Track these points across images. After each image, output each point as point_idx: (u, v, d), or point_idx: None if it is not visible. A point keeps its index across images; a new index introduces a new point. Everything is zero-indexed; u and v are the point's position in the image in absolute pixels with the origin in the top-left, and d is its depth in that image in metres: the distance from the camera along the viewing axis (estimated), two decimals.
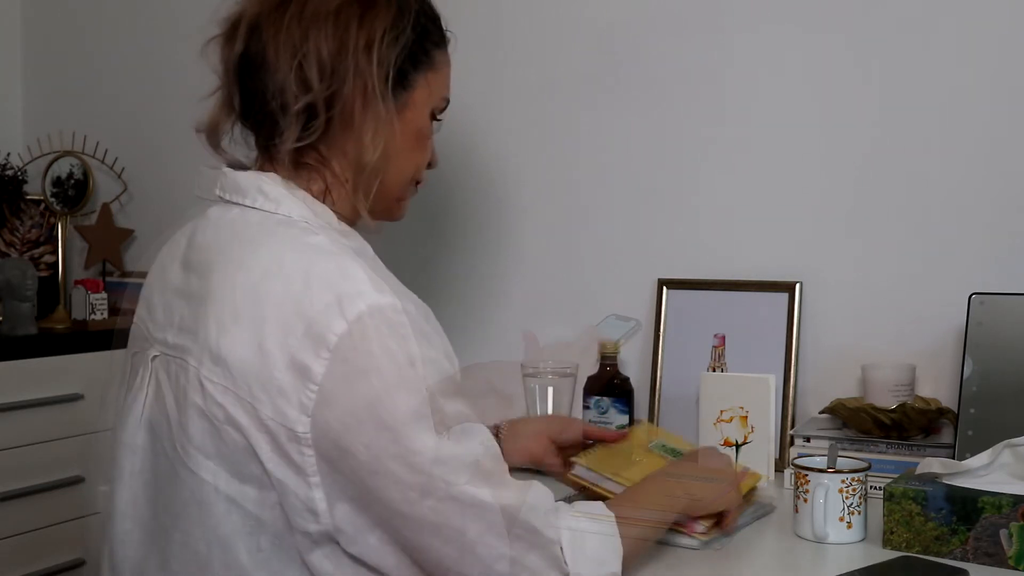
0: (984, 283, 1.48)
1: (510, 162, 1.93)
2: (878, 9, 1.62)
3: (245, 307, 0.98)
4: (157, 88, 2.39)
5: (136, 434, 1.07)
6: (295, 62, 1.05)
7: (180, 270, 1.09)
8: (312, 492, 0.96)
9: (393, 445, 0.94)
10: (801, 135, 1.68)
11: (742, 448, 1.56)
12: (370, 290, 0.96)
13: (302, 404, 0.94)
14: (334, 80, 1.05)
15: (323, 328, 0.94)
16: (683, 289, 1.76)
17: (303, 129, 1.06)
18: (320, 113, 1.06)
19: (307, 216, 1.06)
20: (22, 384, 2.02)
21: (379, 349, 0.95)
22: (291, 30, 1.06)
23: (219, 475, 0.99)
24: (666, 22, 1.79)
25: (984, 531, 1.15)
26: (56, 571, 2.07)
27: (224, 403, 0.97)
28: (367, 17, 1.07)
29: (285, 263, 0.99)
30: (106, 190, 2.45)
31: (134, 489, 1.07)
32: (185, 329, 1.03)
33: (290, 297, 0.96)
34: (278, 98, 1.06)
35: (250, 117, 1.11)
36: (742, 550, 1.25)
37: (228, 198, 1.10)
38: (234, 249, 1.04)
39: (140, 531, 1.07)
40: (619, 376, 1.68)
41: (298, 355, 0.95)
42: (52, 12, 2.59)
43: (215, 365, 0.98)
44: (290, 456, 0.95)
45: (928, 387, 1.58)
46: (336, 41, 1.05)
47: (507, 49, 1.93)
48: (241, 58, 1.09)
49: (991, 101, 1.55)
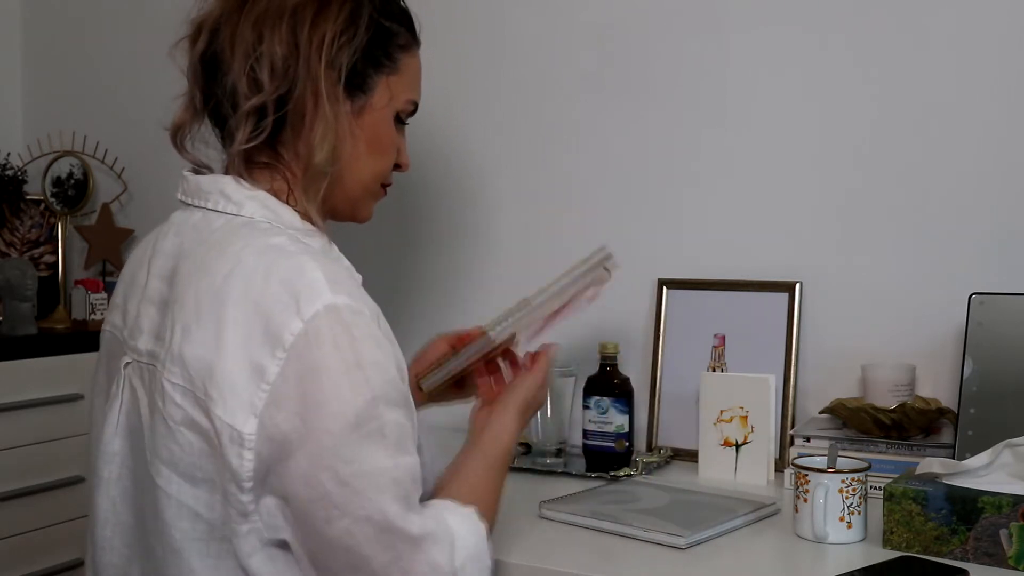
0: (984, 283, 1.48)
1: (509, 161, 1.93)
2: (878, 9, 1.62)
3: (207, 309, 0.98)
4: (157, 88, 2.37)
5: (112, 441, 1.07)
6: (248, 63, 1.05)
7: (148, 276, 1.09)
8: (243, 496, 0.96)
9: (329, 453, 0.94)
10: (801, 135, 1.68)
11: (742, 448, 1.56)
12: (326, 290, 0.96)
13: (252, 404, 0.94)
14: (285, 81, 1.05)
15: (280, 327, 0.95)
16: (683, 289, 1.76)
17: (253, 129, 1.06)
18: (269, 113, 1.06)
19: (269, 217, 1.06)
20: (22, 384, 2.02)
21: (331, 348, 0.95)
22: (245, 31, 1.06)
23: (171, 480, 0.99)
24: (665, 22, 1.79)
25: (984, 531, 1.15)
26: (56, 571, 2.07)
27: (183, 404, 0.98)
28: (319, 19, 1.07)
29: (246, 264, 0.99)
30: (106, 190, 2.45)
31: (112, 496, 1.07)
32: (156, 335, 1.04)
33: (249, 297, 0.97)
34: (231, 98, 1.07)
35: (211, 117, 1.12)
36: (742, 550, 1.26)
37: (190, 202, 1.10)
38: (199, 253, 1.04)
39: (120, 538, 1.07)
40: (619, 376, 1.68)
41: (255, 355, 0.95)
42: (52, 12, 2.59)
43: (176, 366, 0.98)
44: (228, 458, 0.95)
45: (928, 387, 1.58)
46: (288, 42, 1.05)
47: (506, 49, 1.93)
48: (201, 58, 1.10)
49: (991, 101, 1.55)
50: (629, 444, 1.66)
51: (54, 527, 2.07)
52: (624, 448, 1.65)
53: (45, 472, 2.04)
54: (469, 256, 1.97)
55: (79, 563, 2.10)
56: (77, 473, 2.09)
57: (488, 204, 1.95)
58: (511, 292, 1.97)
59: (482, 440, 1.18)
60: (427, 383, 1.31)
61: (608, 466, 1.61)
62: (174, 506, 0.99)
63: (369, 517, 0.94)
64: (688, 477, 1.58)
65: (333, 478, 0.94)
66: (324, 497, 0.94)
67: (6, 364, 2.00)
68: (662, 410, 1.75)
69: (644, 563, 1.18)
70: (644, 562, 1.19)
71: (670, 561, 1.19)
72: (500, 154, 1.94)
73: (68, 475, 2.07)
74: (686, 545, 1.22)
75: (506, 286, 1.94)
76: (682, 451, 1.69)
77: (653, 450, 1.72)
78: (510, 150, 1.93)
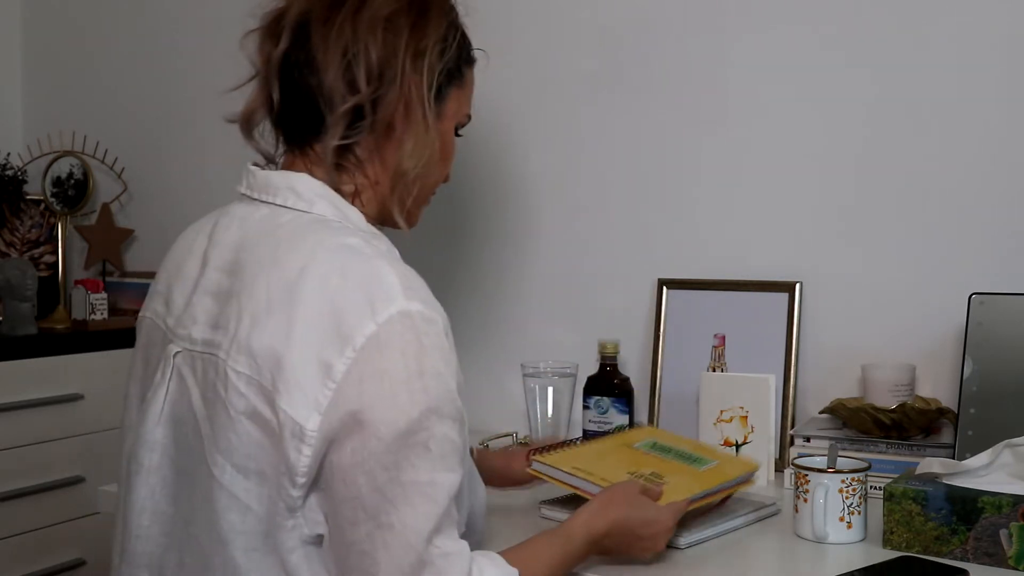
0: (984, 283, 1.48)
1: (509, 161, 1.93)
2: (878, 10, 1.62)
3: (279, 301, 0.99)
4: (157, 88, 2.39)
5: (155, 430, 1.07)
6: (344, 62, 1.06)
7: (203, 267, 1.09)
8: (294, 491, 0.97)
9: (372, 458, 0.94)
10: (801, 135, 1.68)
11: (742, 448, 1.56)
12: (401, 296, 0.97)
13: (317, 401, 0.95)
14: (381, 84, 1.07)
15: (352, 328, 0.95)
16: (683, 289, 1.76)
17: (348, 128, 1.07)
18: (367, 115, 1.07)
19: (339, 216, 1.07)
20: (22, 384, 2.02)
21: (398, 354, 0.95)
22: (343, 31, 1.07)
23: (226, 470, 0.99)
24: (667, 23, 1.79)
25: (984, 531, 1.15)
26: (56, 571, 2.07)
27: (247, 393, 0.98)
28: (419, 27, 1.09)
29: (321, 261, 0.99)
30: (106, 190, 2.45)
31: (151, 485, 1.07)
32: (216, 326, 1.04)
33: (324, 295, 0.97)
34: (325, 96, 1.07)
35: (289, 113, 1.11)
36: (742, 550, 1.26)
37: (255, 196, 1.10)
38: (268, 247, 1.04)
39: (159, 526, 1.07)
40: (619, 376, 1.68)
41: (324, 352, 0.95)
42: (52, 12, 2.59)
43: (243, 355, 0.99)
44: (287, 451, 0.96)
45: (928, 387, 1.58)
46: (387, 46, 1.07)
47: (507, 49, 1.92)
48: (285, 55, 1.09)
49: (991, 101, 1.55)
50: None
51: (54, 527, 2.07)
52: None
53: (45, 472, 2.04)
54: (458, 253, 1.97)
55: (79, 563, 2.11)
56: (77, 473, 2.09)
57: (485, 204, 1.95)
58: (511, 291, 1.97)
59: (569, 527, 1.14)
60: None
61: None
62: (225, 497, 0.99)
63: (391, 526, 0.94)
64: None
65: (369, 483, 0.94)
66: (356, 498, 0.94)
67: (6, 364, 2.00)
68: (662, 410, 1.75)
69: (644, 563, 1.18)
70: (644, 561, 1.18)
71: (670, 561, 1.19)
72: (500, 154, 1.94)
73: (68, 475, 2.07)
74: (685, 545, 1.22)
75: (506, 286, 1.95)
76: None
77: None
78: (510, 150, 1.93)
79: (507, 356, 1.89)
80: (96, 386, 2.11)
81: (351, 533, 0.95)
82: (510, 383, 1.85)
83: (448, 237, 1.99)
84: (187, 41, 2.33)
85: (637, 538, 1.15)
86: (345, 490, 0.95)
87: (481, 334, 1.95)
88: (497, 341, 1.93)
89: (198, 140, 2.30)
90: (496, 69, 1.91)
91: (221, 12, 2.29)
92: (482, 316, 1.96)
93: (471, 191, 1.96)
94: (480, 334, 1.95)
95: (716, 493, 1.29)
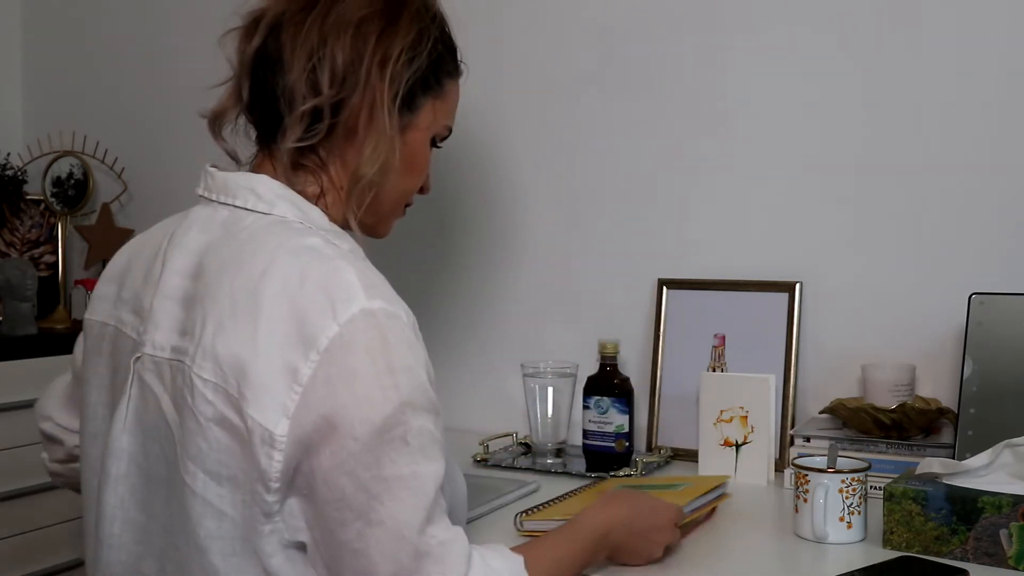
0: (984, 283, 1.48)
1: (509, 161, 1.93)
2: (878, 10, 1.62)
3: (242, 306, 0.98)
4: (157, 88, 2.39)
5: (120, 438, 1.06)
6: (309, 64, 1.07)
7: (164, 272, 1.08)
8: (268, 496, 0.96)
9: (351, 458, 0.93)
10: (801, 135, 1.68)
11: (742, 448, 1.56)
12: (362, 295, 0.97)
13: (284, 406, 0.94)
14: (344, 88, 1.07)
15: (315, 330, 0.95)
16: (683, 289, 1.76)
17: (305, 131, 1.07)
18: (324, 118, 1.07)
19: (300, 217, 1.07)
20: (22, 384, 2.02)
21: (363, 353, 0.95)
22: (311, 33, 1.07)
23: (198, 477, 0.98)
24: (666, 22, 1.79)
25: (984, 531, 1.15)
26: (56, 571, 2.07)
27: (214, 400, 0.97)
28: (386, 34, 1.09)
29: (281, 263, 0.99)
30: (106, 190, 2.45)
31: (120, 493, 1.07)
32: (183, 332, 1.03)
33: (286, 297, 0.97)
34: (286, 96, 1.07)
35: (255, 111, 1.12)
36: (742, 550, 1.26)
37: (214, 198, 1.10)
38: (229, 249, 1.03)
39: (130, 535, 1.06)
40: (619, 376, 1.68)
41: (288, 356, 0.95)
42: (52, 12, 2.59)
43: (208, 362, 0.98)
44: (257, 458, 0.95)
45: (928, 387, 1.58)
46: (352, 51, 1.08)
47: (507, 49, 1.93)
48: (257, 52, 1.10)
49: (990, 101, 1.55)
50: (629, 444, 1.66)
51: (54, 527, 2.07)
52: (624, 448, 1.65)
53: (45, 472, 2.03)
54: (458, 254, 1.97)
55: (79, 563, 2.10)
56: None
57: (485, 204, 1.95)
58: (511, 291, 1.98)
59: (573, 523, 1.14)
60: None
61: (608, 466, 1.61)
62: (199, 504, 0.98)
63: (381, 522, 0.94)
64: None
65: (352, 482, 0.94)
66: (341, 499, 0.94)
67: (6, 364, 2.00)
68: (662, 410, 1.75)
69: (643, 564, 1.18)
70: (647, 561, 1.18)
71: (669, 561, 1.19)
72: (499, 154, 1.94)
73: None
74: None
75: (506, 286, 1.95)
76: (682, 451, 1.69)
77: (653, 450, 1.72)
78: (509, 150, 1.93)
79: (507, 356, 1.89)
80: None
81: (341, 534, 0.95)
82: (510, 383, 1.85)
83: (447, 237, 1.99)
84: (187, 41, 2.32)
85: (643, 532, 1.16)
86: (329, 493, 0.94)
87: (481, 334, 1.95)
88: (497, 341, 1.93)
89: (198, 140, 2.28)
90: (495, 69, 1.92)
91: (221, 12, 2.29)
92: (482, 316, 1.96)
93: (469, 191, 1.96)
94: (480, 334, 1.95)
95: (705, 506, 1.31)
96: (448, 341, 1.96)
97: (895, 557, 1.17)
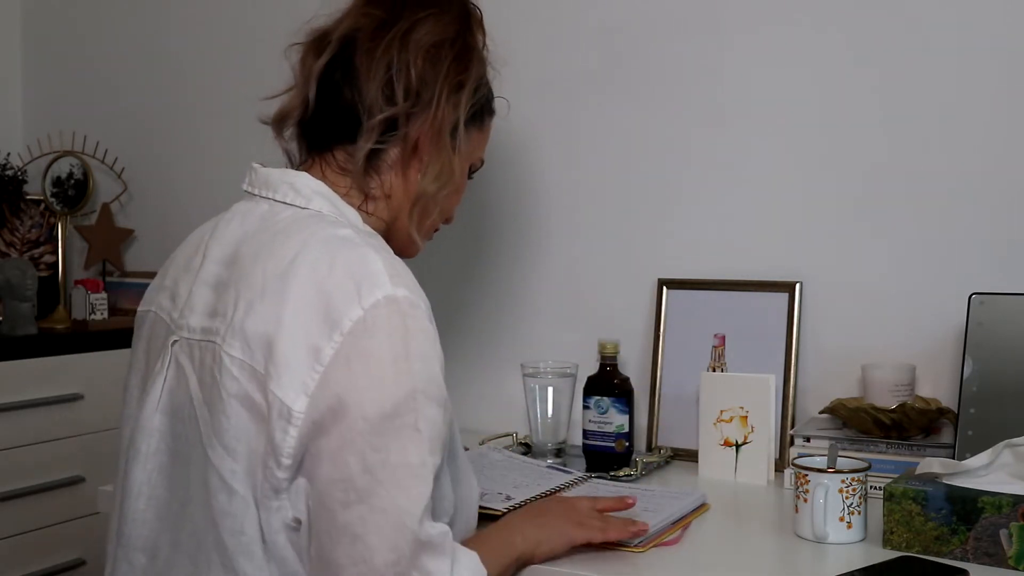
0: (984, 283, 1.48)
1: (509, 162, 1.93)
2: (878, 10, 1.62)
3: (272, 288, 1.02)
4: (157, 88, 2.39)
5: (153, 417, 1.09)
6: (386, 77, 1.13)
7: (204, 261, 1.12)
8: (279, 472, 0.98)
9: (360, 438, 0.96)
10: (801, 135, 1.68)
11: (742, 448, 1.56)
12: (387, 281, 1.00)
13: (305, 384, 0.97)
14: (417, 103, 1.14)
15: (340, 313, 0.98)
16: (683, 289, 1.76)
17: (380, 137, 1.13)
18: (400, 127, 1.14)
19: (335, 214, 1.12)
20: (22, 384, 2.02)
21: (384, 337, 0.98)
22: (389, 49, 1.14)
23: (217, 450, 1.01)
24: (666, 22, 1.79)
25: (984, 531, 1.15)
26: (56, 571, 2.07)
27: (239, 376, 1.00)
28: (461, 62, 1.18)
29: (312, 249, 1.03)
30: (106, 190, 2.45)
31: (148, 470, 1.09)
32: (214, 313, 1.06)
33: (313, 281, 1.00)
34: (365, 105, 1.13)
35: (320, 120, 1.17)
36: (742, 550, 1.26)
37: (256, 192, 1.15)
38: (264, 238, 1.08)
39: (154, 511, 1.09)
40: (619, 376, 1.68)
41: (313, 336, 0.98)
42: (52, 12, 2.59)
43: (237, 340, 1.01)
44: (273, 432, 0.97)
45: (928, 387, 1.58)
46: (428, 71, 1.15)
47: (506, 49, 1.92)
48: (328, 64, 1.16)
49: (991, 101, 1.55)
50: (629, 444, 1.66)
51: (54, 527, 2.07)
52: (624, 448, 1.65)
53: (45, 472, 2.04)
54: (458, 254, 1.97)
55: (79, 563, 2.11)
56: (77, 473, 2.09)
57: (484, 204, 1.95)
58: (511, 291, 1.97)
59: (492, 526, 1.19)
60: None
61: (608, 466, 1.61)
62: (216, 478, 1.01)
63: (384, 509, 0.95)
64: (688, 477, 1.58)
65: (360, 463, 0.96)
66: (346, 480, 0.96)
67: (6, 364, 2.01)
68: (662, 410, 1.75)
69: (644, 563, 1.18)
70: (643, 561, 1.18)
71: (668, 560, 1.19)
72: (498, 154, 1.94)
73: (68, 475, 2.07)
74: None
75: (506, 286, 1.95)
76: (682, 451, 1.69)
77: (653, 450, 1.72)
78: (509, 150, 1.93)
79: (507, 356, 1.89)
80: (96, 386, 2.12)
81: (343, 515, 0.96)
82: (510, 383, 1.85)
83: (446, 237, 1.99)
84: (187, 41, 2.32)
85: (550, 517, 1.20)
86: (335, 471, 0.96)
87: (481, 334, 1.95)
88: (497, 341, 1.93)
89: (198, 140, 2.29)
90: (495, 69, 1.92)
91: (221, 12, 2.30)
92: (482, 316, 1.96)
93: (469, 191, 1.96)
94: (480, 334, 1.95)
95: (675, 524, 1.30)
96: (448, 341, 1.95)
97: (895, 557, 1.17)
